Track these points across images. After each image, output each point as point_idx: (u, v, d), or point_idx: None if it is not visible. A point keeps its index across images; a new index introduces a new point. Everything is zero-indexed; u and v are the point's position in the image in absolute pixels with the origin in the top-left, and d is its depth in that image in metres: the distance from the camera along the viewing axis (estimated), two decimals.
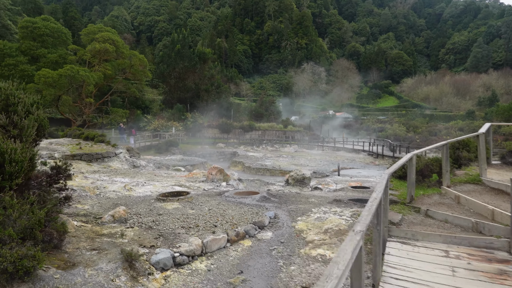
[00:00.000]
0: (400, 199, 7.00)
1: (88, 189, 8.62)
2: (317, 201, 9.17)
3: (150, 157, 25.93)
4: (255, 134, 44.65)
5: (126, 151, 16.43)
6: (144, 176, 13.11)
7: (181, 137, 37.85)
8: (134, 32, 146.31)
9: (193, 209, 7.48)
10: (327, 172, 20.81)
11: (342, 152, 36.95)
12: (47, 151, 14.57)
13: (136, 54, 32.63)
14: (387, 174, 4.85)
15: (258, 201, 8.65)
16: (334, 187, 11.12)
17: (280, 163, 24.84)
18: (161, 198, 7.84)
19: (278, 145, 40.63)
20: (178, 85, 44.58)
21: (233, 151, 31.78)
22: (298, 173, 13.38)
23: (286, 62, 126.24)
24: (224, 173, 12.31)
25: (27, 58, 30.08)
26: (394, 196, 7.09)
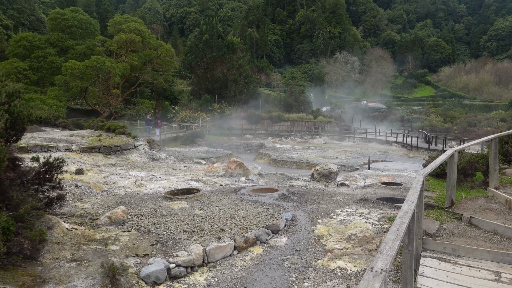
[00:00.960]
0: (437, 202, 5.95)
1: (94, 185, 8.16)
2: (342, 199, 8.26)
3: (175, 148, 25.71)
4: (283, 125, 43.63)
5: (146, 143, 16.08)
6: (161, 170, 12.65)
7: (208, 128, 37.50)
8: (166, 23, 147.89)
9: (201, 209, 6.81)
10: (357, 166, 19.64)
11: (374, 144, 35.31)
12: (65, 143, 14.45)
13: (163, 44, 32.41)
14: (422, 176, 3.92)
15: (276, 199, 7.86)
16: (362, 184, 10.13)
17: (308, 156, 23.86)
18: (168, 197, 7.23)
19: (307, 136, 39.46)
20: (206, 75, 44.20)
21: (260, 143, 31.05)
22: (324, 167, 12.45)
23: (318, 51, 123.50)
24: (244, 167, 11.60)
25: (56, 50, 30.59)
26: (429, 199, 6.05)
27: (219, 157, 22.85)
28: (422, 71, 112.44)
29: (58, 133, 17.72)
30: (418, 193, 3.43)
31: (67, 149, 13.74)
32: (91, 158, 13.54)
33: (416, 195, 3.38)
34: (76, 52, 30.78)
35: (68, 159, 13.16)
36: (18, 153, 13.26)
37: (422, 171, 4.10)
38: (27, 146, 13.34)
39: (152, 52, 31.48)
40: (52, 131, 18.98)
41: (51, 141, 14.66)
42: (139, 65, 31.78)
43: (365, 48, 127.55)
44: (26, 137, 16.30)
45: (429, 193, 6.18)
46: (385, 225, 6.00)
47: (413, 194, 3.36)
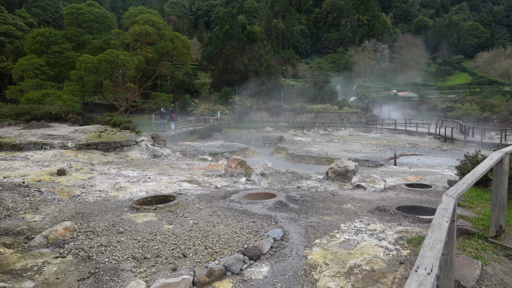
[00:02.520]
0: (477, 227, 4.22)
1: (60, 191, 7.05)
2: (354, 208, 6.74)
3: (190, 143, 24.73)
4: (306, 116, 41.80)
5: (149, 138, 15.02)
6: (157, 169, 11.50)
7: (228, 121, 36.34)
8: (192, 17, 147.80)
9: (170, 224, 5.51)
10: (382, 161, 17.81)
11: (404, 136, 32.95)
12: (61, 139, 13.60)
13: (179, 35, 31.36)
14: (453, 200, 2.40)
15: (269, 209, 6.45)
16: (381, 186, 8.51)
17: (329, 149, 22.17)
18: (135, 207, 5.98)
19: (332, 128, 37.50)
20: (226, 67, 42.93)
21: (280, 136, 29.54)
22: (340, 165, 10.88)
23: (346, 40, 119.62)
24: (246, 165, 10.22)
25: (73, 45, 30.24)
26: (465, 221, 4.30)
27: (233, 152, 21.63)
28: (457, 58, 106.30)
29: (63, 129, 17.02)
30: (445, 234, 1.94)
31: (62, 147, 12.87)
32: (87, 156, 12.60)
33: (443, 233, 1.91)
34: (92, 47, 30.32)
35: (62, 157, 12.29)
36: (11, 151, 12.53)
37: (453, 190, 2.57)
38: (20, 144, 12.58)
39: (168, 44, 30.53)
40: (59, 127, 18.35)
41: (48, 137, 13.88)
42: (155, 58, 30.95)
43: (396, 35, 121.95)
44: (28, 133, 15.67)
45: (464, 210, 4.50)
46: (403, 251, 4.47)
47: (436, 240, 1.87)
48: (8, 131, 16.75)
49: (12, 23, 41.58)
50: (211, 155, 20.32)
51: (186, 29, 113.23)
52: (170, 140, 25.27)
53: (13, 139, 13.25)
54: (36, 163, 10.97)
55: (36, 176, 9.03)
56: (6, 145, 12.43)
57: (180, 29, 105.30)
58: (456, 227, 3.78)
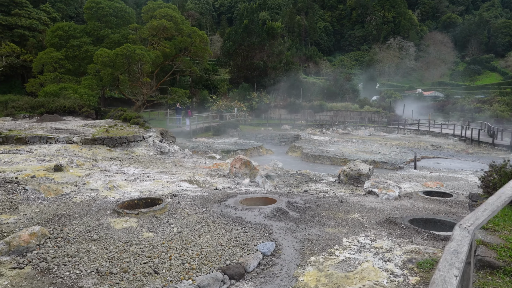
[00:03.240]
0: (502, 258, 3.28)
1: (46, 189, 6.64)
2: (361, 219, 6.04)
3: (204, 139, 24.34)
4: (326, 115, 40.77)
5: (158, 134, 14.63)
6: (160, 166, 11.06)
7: (244, 118, 35.82)
8: (215, 13, 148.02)
9: (151, 232, 4.98)
10: (401, 163, 16.84)
11: (427, 137, 31.51)
12: (68, 134, 13.38)
13: (196, 30, 30.99)
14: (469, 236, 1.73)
15: (266, 216, 5.83)
16: (396, 193, 7.73)
17: (346, 150, 21.27)
18: (117, 210, 5.48)
19: (351, 127, 36.36)
20: (245, 63, 42.35)
21: (296, 134, 28.75)
22: (353, 168, 10.13)
23: (370, 38, 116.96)
24: (251, 166, 9.62)
25: (92, 39, 30.36)
26: (487, 249, 3.45)
27: (246, 150, 21.08)
28: (487, 56, 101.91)
29: (74, 123, 16.89)
30: None
31: (67, 141, 12.64)
32: (91, 151, 12.31)
33: None
34: (111, 41, 30.37)
35: (66, 152, 12.04)
36: (16, 144, 12.38)
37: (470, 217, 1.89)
38: (26, 137, 12.42)
39: (186, 39, 30.22)
40: (71, 121, 18.26)
41: (55, 131, 13.70)
42: (172, 53, 30.71)
43: (422, 33, 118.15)
44: (38, 126, 15.59)
45: (487, 234, 3.68)
46: (411, 277, 3.76)
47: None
48: (21, 124, 16.76)
49: (36, 17, 42.35)
50: (223, 152, 19.83)
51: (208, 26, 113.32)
52: (184, 136, 24.97)
53: (20, 132, 13.13)
54: (38, 157, 10.73)
55: (32, 171, 8.73)
56: (11, 138, 12.30)
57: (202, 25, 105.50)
58: (476, 258, 3.06)
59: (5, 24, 39.94)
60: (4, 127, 15.47)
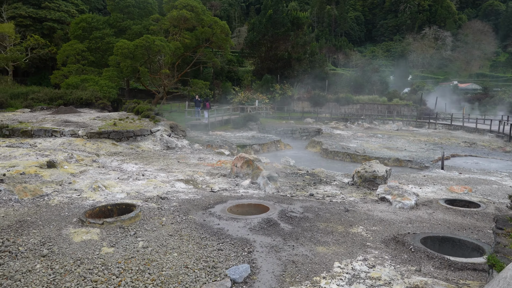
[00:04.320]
0: None
1: (21, 190, 6.17)
2: (365, 234, 5.16)
3: (221, 133, 23.79)
4: (352, 108, 39.19)
5: (167, 128, 14.12)
6: (162, 163, 10.51)
7: (266, 111, 34.96)
8: (243, 4, 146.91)
9: (112, 246, 4.35)
10: (428, 162, 15.54)
11: (460, 132, 29.52)
12: (74, 127, 13.09)
13: (218, 20, 30.27)
14: None
15: (252, 229, 5.07)
16: (412, 202, 6.74)
17: (369, 146, 20.05)
18: (82, 219, 4.89)
19: (378, 121, 34.71)
20: (269, 54, 41.29)
21: (318, 128, 27.63)
22: (368, 169, 9.17)
23: (403, 27, 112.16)
24: (254, 165, 8.86)
25: (114, 31, 30.37)
26: None
27: (263, 144, 20.34)
28: None
29: (86, 116, 16.72)
30: None
31: (72, 134, 12.35)
32: (95, 145, 11.95)
33: None
34: (132, 32, 30.27)
35: (69, 146, 11.74)
36: (21, 137, 12.20)
37: None
38: (31, 130, 12.22)
39: (207, 29, 29.59)
40: (85, 113, 18.14)
41: (62, 124, 13.47)
42: (193, 44, 30.20)
43: (461, 22, 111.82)
44: (51, 118, 15.49)
45: None
46: None
47: None
48: (35, 116, 16.77)
49: (65, 10, 43.12)
50: (239, 147, 19.18)
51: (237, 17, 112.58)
52: (202, 129, 24.51)
53: (27, 125, 12.97)
54: (38, 151, 10.45)
55: (23, 168, 8.38)
56: (18, 131, 12.14)
57: (231, 16, 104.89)
58: None
59: (35, 17, 40.92)
60: (18, 119, 15.48)
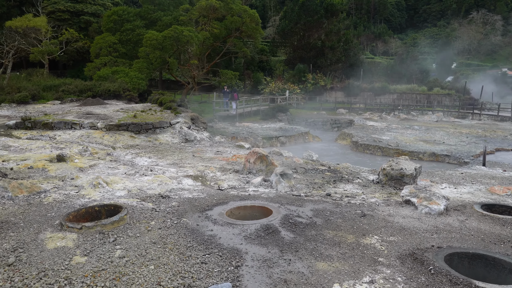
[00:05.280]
0: None
1: (16, 187, 5.93)
2: (379, 246, 4.43)
3: (249, 124, 23.31)
4: (388, 98, 37.25)
5: (188, 120, 13.76)
6: (176, 156, 10.14)
7: (297, 101, 33.99)
8: None
9: (86, 255, 3.93)
10: (467, 157, 14.19)
11: (508, 124, 27.15)
12: (94, 119, 13.03)
13: (247, 9, 29.54)
14: None
15: (247, 237, 4.49)
16: (440, 207, 5.84)
17: (404, 138, 18.76)
18: (61, 223, 4.52)
19: (416, 112, 32.73)
20: (301, 42, 40.04)
21: (350, 120, 26.41)
22: (395, 166, 8.29)
23: (448, 12, 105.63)
24: (267, 161, 8.25)
25: (145, 22, 30.52)
26: None
27: (290, 136, 19.64)
28: None
29: (110, 107, 16.77)
30: None
31: (91, 127, 12.29)
32: (113, 138, 11.81)
33: None
34: (163, 24, 30.28)
35: (88, 138, 11.68)
36: (42, 130, 12.30)
37: None
38: (52, 123, 12.28)
39: (236, 19, 29.00)
40: (110, 105, 18.24)
41: (83, 116, 13.47)
42: (222, 34, 29.75)
43: None
44: (74, 111, 15.63)
45: None
46: None
47: None
48: (63, 108, 17.04)
49: (101, 3, 44.10)
50: (264, 139, 18.62)
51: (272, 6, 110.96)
52: (230, 120, 24.17)
53: (48, 117, 13.09)
54: (54, 144, 10.42)
55: (33, 161, 8.29)
56: (39, 123, 12.26)
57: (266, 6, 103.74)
58: None
59: (73, 11, 42.16)
60: (46, 111, 15.78)
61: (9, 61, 21.05)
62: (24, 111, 16.39)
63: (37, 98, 19.27)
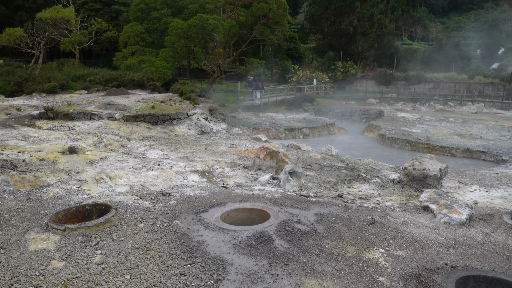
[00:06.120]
0: None
1: (18, 181, 5.88)
2: (382, 262, 3.98)
3: (273, 114, 22.86)
4: (423, 87, 35.36)
5: (205, 111, 13.52)
6: (189, 149, 9.95)
7: (326, 90, 32.99)
8: None
9: (64, 260, 3.75)
10: (506, 154, 13.08)
11: None
12: (113, 110, 13.07)
13: None
14: None
15: (236, 245, 4.16)
16: (462, 216, 5.23)
17: (436, 131, 17.65)
18: (48, 223, 4.38)
19: (454, 102, 30.84)
20: (332, 29, 38.66)
21: (380, 110, 25.27)
22: (417, 166, 7.65)
23: None
24: (278, 158, 7.84)
25: (171, 11, 30.45)
26: None
27: (314, 128, 19.04)
28: None
29: (133, 97, 16.86)
30: None
31: (109, 117, 12.34)
32: (130, 129, 11.80)
33: None
34: (189, 12, 30.13)
35: (105, 129, 11.73)
36: (63, 120, 12.48)
37: None
38: (72, 113, 12.44)
39: (262, 5, 28.29)
40: (133, 95, 18.36)
41: (102, 107, 13.57)
42: (248, 21, 29.16)
43: None
44: (97, 101, 15.82)
45: None
46: None
47: None
48: (88, 98, 17.33)
49: None
50: (287, 130, 18.15)
51: None
52: (254, 110, 23.83)
53: (70, 108, 13.28)
54: (71, 135, 10.52)
55: (46, 153, 8.36)
56: (60, 113, 12.45)
57: None
58: None
59: (104, 1, 42.94)
60: (71, 101, 16.10)
61: (41, 51, 21.67)
62: (52, 100, 16.80)
63: (66, 88, 19.76)
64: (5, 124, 11.60)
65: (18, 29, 20.77)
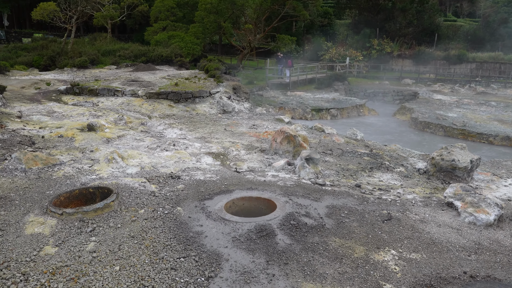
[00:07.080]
0: None
1: (30, 159, 5.90)
2: (392, 266, 3.65)
3: (301, 93, 22.27)
4: (465, 68, 33.14)
5: (229, 90, 13.22)
6: (208, 129, 9.77)
7: (359, 69, 31.67)
8: None
9: (57, 246, 3.69)
10: None
11: None
12: (137, 86, 13.04)
13: None
14: None
15: (236, 238, 3.95)
16: (490, 217, 4.72)
17: (474, 116, 16.50)
18: (47, 205, 4.33)
19: (498, 84, 28.75)
20: (369, 4, 36.70)
21: (415, 91, 23.96)
22: (446, 157, 7.09)
23: None
24: (296, 142, 7.49)
25: None
26: None
27: (342, 109, 18.36)
28: None
29: (159, 74, 16.82)
30: None
31: (132, 94, 12.34)
32: (152, 106, 11.76)
33: None
34: None
35: (127, 106, 11.77)
36: (88, 96, 12.61)
37: None
38: (97, 89, 12.55)
39: None
40: (160, 71, 18.33)
41: (127, 83, 13.59)
42: None
43: None
44: (123, 76, 15.90)
45: None
46: None
47: None
48: (117, 73, 17.47)
49: None
50: (314, 110, 17.61)
51: None
52: (283, 89, 23.32)
53: (95, 84, 13.39)
54: (93, 111, 10.61)
55: (66, 130, 8.45)
56: (85, 89, 12.60)
57: None
58: None
59: None
60: (100, 76, 16.29)
61: (73, 26, 22.00)
62: (81, 75, 17.08)
63: (96, 62, 20.04)
64: (33, 99, 11.89)
65: (51, 3, 21.09)
